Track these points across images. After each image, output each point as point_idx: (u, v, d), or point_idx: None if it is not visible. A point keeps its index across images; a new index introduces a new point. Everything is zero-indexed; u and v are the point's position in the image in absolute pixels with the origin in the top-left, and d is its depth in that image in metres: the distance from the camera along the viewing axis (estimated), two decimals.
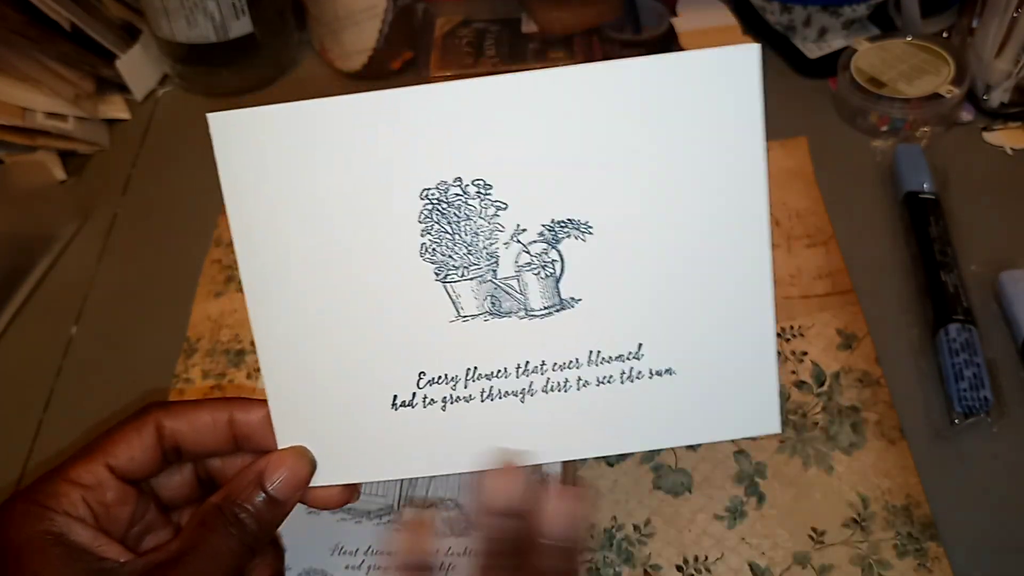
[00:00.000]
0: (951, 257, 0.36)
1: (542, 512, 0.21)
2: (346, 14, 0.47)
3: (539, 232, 0.21)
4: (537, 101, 0.21)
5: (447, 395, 0.22)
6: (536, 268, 0.21)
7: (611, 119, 0.21)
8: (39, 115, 0.44)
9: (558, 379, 0.22)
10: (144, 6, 0.46)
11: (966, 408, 0.31)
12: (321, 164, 0.21)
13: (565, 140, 0.21)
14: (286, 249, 0.22)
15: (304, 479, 0.22)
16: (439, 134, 0.21)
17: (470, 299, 0.22)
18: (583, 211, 0.21)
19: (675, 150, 0.21)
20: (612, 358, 0.22)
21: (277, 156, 0.21)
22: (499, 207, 0.21)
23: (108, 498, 0.21)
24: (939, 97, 0.41)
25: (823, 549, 0.29)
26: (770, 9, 0.47)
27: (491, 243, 0.21)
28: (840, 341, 0.35)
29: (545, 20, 0.47)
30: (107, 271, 0.41)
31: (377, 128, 0.21)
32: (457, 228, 0.21)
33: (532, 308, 0.22)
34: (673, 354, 0.22)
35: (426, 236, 0.21)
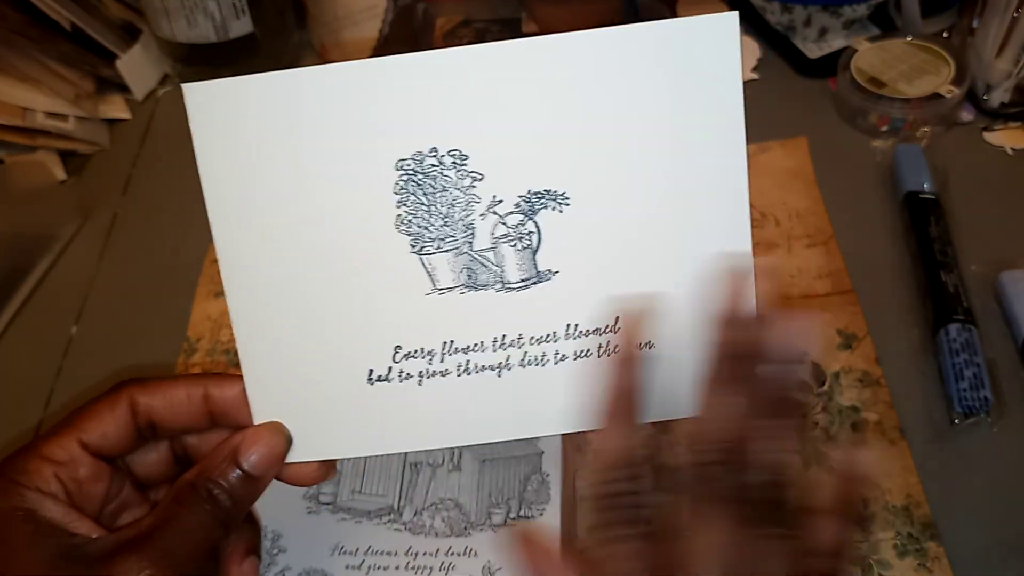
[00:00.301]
0: (951, 257, 0.36)
1: (771, 329, 0.20)
2: (346, 14, 0.47)
3: (515, 203, 0.21)
4: (513, 71, 0.20)
5: (423, 369, 0.22)
6: (512, 240, 0.21)
7: (588, 88, 0.20)
8: (39, 115, 0.44)
9: (535, 353, 0.21)
10: (144, 6, 0.46)
11: (966, 408, 0.31)
12: (297, 134, 0.21)
13: (542, 110, 0.20)
14: (261, 221, 0.21)
15: (280, 455, 0.21)
16: (415, 104, 0.20)
17: (446, 271, 0.21)
18: (560, 182, 0.21)
19: (653, 120, 0.20)
20: (590, 331, 0.21)
21: (253, 126, 0.21)
22: (475, 178, 0.21)
23: (81, 474, 0.20)
24: (939, 97, 0.41)
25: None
26: (770, 9, 0.47)
27: (467, 215, 0.21)
28: (840, 341, 0.35)
29: (545, 20, 0.47)
30: (107, 271, 0.41)
31: (353, 98, 0.20)
32: (433, 199, 0.21)
33: (509, 281, 0.21)
34: (652, 327, 0.21)
35: (402, 207, 0.21)
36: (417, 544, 0.29)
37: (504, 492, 0.30)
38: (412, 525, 0.30)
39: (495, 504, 0.30)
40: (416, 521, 0.30)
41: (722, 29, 0.20)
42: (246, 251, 0.21)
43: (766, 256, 0.21)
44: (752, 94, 0.54)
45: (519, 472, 0.30)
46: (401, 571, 0.29)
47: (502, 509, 0.29)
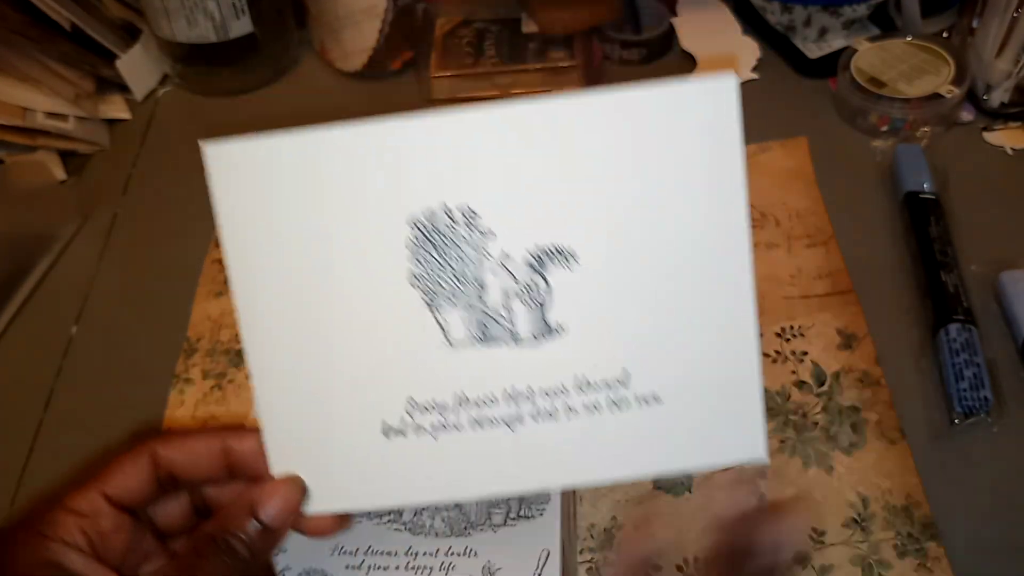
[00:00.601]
0: (951, 257, 0.36)
1: (756, 530, 0.21)
2: (346, 14, 0.47)
3: (525, 259, 0.22)
4: (521, 132, 0.21)
5: (437, 423, 0.22)
6: (523, 295, 0.22)
7: (594, 149, 0.21)
8: (39, 115, 0.44)
9: (546, 406, 0.22)
10: (144, 6, 0.46)
11: (966, 408, 0.31)
12: (313, 192, 0.22)
13: (550, 169, 0.21)
14: (279, 277, 0.22)
15: (295, 507, 0.22)
16: (427, 163, 0.21)
17: (458, 326, 0.22)
18: (568, 239, 0.21)
19: (657, 180, 0.21)
20: (599, 384, 0.22)
21: (271, 185, 0.22)
22: (485, 234, 0.22)
23: (104, 526, 0.21)
24: (939, 97, 0.41)
25: (823, 549, 0.29)
26: (770, 9, 0.47)
27: (478, 270, 0.22)
28: (840, 341, 0.35)
29: (545, 20, 0.47)
30: (107, 271, 0.41)
31: (368, 158, 0.21)
32: (445, 254, 0.22)
33: (519, 335, 0.22)
34: (659, 380, 0.22)
35: (415, 263, 0.22)
36: (417, 544, 0.29)
37: None
38: (412, 525, 0.30)
39: (495, 504, 0.30)
40: (416, 521, 0.30)
41: (722, 91, 0.21)
42: (265, 305, 0.22)
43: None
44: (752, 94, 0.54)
45: None
46: (401, 571, 0.29)
47: (502, 509, 0.29)
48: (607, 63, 0.49)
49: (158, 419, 0.34)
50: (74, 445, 0.34)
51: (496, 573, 0.28)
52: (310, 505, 0.22)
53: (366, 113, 0.55)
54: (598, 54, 0.49)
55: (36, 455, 0.34)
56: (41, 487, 0.33)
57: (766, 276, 0.37)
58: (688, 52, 0.48)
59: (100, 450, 0.34)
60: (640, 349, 0.22)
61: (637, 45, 0.48)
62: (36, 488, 0.33)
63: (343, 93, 0.49)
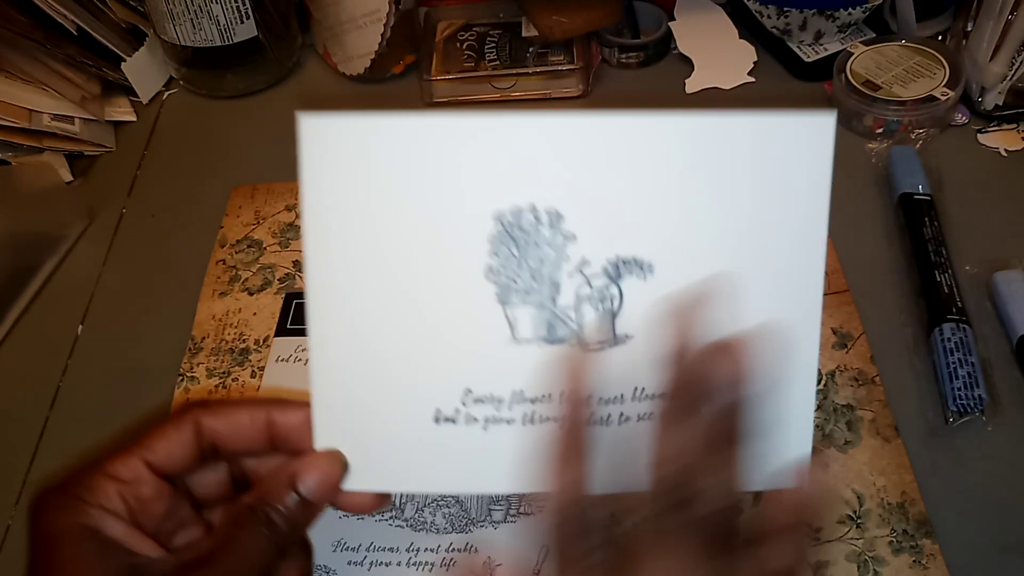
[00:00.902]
0: (946, 257, 0.36)
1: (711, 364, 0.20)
2: (349, 18, 0.47)
3: (603, 266, 0.22)
4: (615, 143, 0.21)
5: (490, 415, 0.22)
6: (596, 301, 0.22)
7: (685, 168, 0.21)
8: (46, 117, 0.44)
9: (601, 412, 0.22)
10: (149, 10, 0.47)
11: (960, 407, 0.31)
12: (404, 176, 0.22)
13: (639, 182, 0.21)
14: (354, 254, 0.22)
15: (335, 482, 0.22)
16: (519, 161, 0.21)
17: (527, 324, 0.22)
18: (647, 252, 0.22)
19: (742, 205, 0.21)
20: (654, 396, 0.22)
21: (362, 164, 0.22)
22: (568, 238, 0.22)
23: (144, 493, 0.21)
24: (934, 100, 0.42)
25: (819, 546, 0.29)
26: (766, 13, 0.47)
27: (555, 272, 0.22)
28: (835, 340, 0.35)
29: (545, 24, 0.47)
30: (113, 271, 0.41)
31: (462, 149, 0.21)
32: (525, 253, 0.22)
33: (586, 340, 0.22)
34: None
35: (493, 257, 0.22)
36: (419, 540, 0.30)
37: None
38: (414, 521, 0.30)
39: (495, 500, 0.30)
40: (417, 517, 0.30)
41: (819, 127, 0.21)
42: (335, 281, 0.22)
43: (718, 278, 0.21)
44: (747, 97, 0.54)
45: None
46: (403, 567, 0.29)
47: (502, 505, 0.30)
48: (606, 66, 0.49)
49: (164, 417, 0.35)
50: (80, 444, 0.35)
51: (496, 569, 0.28)
52: (349, 481, 0.22)
53: None
54: (597, 58, 0.49)
55: (42, 453, 0.35)
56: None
57: None
58: (686, 56, 0.48)
59: None
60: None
61: (635, 49, 0.49)
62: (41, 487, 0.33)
63: (346, 96, 0.50)
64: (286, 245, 0.41)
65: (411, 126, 0.21)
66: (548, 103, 0.48)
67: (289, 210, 0.43)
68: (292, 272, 0.40)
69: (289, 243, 0.41)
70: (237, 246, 0.41)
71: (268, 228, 0.42)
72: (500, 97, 0.48)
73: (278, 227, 0.42)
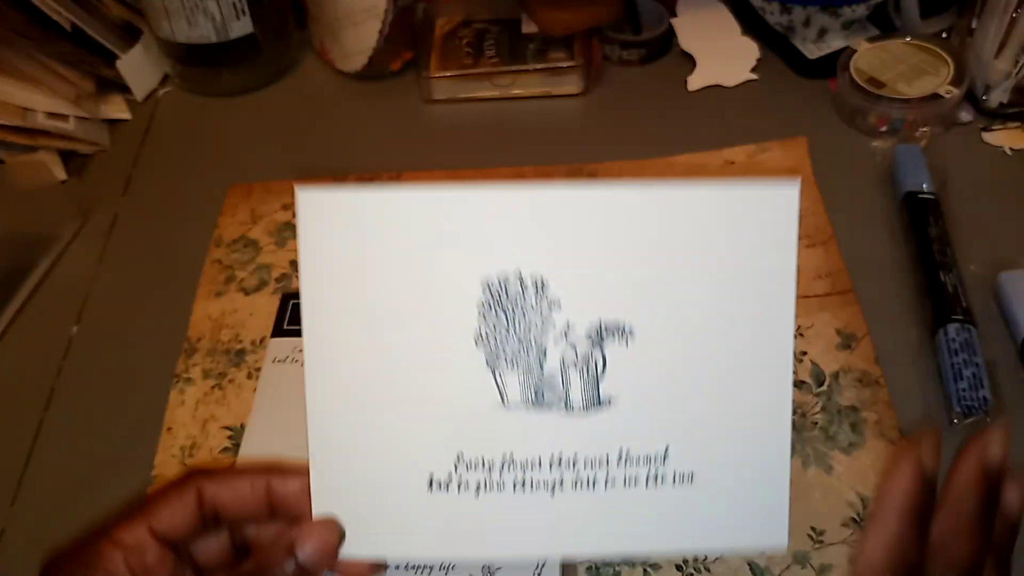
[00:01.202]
0: (950, 257, 0.36)
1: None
2: (346, 14, 0.47)
3: (587, 332, 0.23)
4: (597, 213, 0.22)
5: (481, 480, 0.23)
6: (580, 366, 0.23)
7: (661, 236, 0.22)
8: (40, 115, 0.44)
9: (588, 475, 0.23)
10: (145, 6, 0.46)
11: (965, 408, 0.31)
12: (395, 247, 0.23)
13: (619, 250, 0.22)
14: (350, 324, 0.23)
15: (333, 550, 0.23)
16: (505, 230, 0.23)
17: (516, 389, 0.23)
18: (628, 317, 0.23)
19: (714, 272, 0.23)
20: (639, 459, 0.23)
21: (355, 236, 0.23)
22: (553, 304, 0.23)
23: (148, 560, 0.21)
24: (938, 97, 0.41)
25: (822, 549, 0.29)
26: (770, 9, 0.47)
27: (542, 337, 0.23)
28: (839, 341, 0.35)
29: (545, 21, 0.47)
30: (108, 271, 0.41)
31: (451, 220, 0.22)
32: (513, 319, 0.23)
33: (572, 404, 0.23)
34: (696, 461, 0.23)
35: (483, 323, 0.23)
36: None
37: None
38: None
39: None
40: None
41: (784, 197, 0.22)
42: (331, 350, 0.23)
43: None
44: (751, 94, 0.54)
45: None
46: (401, 571, 0.29)
47: None
48: (607, 63, 0.49)
49: (158, 419, 0.34)
50: (75, 445, 0.34)
51: (496, 573, 0.28)
52: (347, 548, 0.23)
53: (366, 113, 0.55)
54: (598, 54, 0.49)
55: (36, 455, 0.34)
56: (42, 487, 0.33)
57: None
58: (688, 53, 0.48)
59: (101, 450, 0.34)
60: (682, 428, 0.23)
61: (637, 45, 0.48)
62: (36, 488, 0.33)
63: (343, 93, 0.49)
64: (283, 244, 0.41)
65: (401, 200, 0.22)
66: (548, 100, 0.47)
67: (285, 209, 0.42)
68: (289, 272, 0.40)
69: (286, 242, 0.41)
70: (233, 246, 0.41)
71: (264, 227, 0.42)
72: (499, 95, 0.47)
73: (274, 226, 0.42)
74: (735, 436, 0.23)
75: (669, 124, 0.45)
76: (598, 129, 0.46)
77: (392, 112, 0.48)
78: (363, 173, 0.44)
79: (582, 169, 0.43)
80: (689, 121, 0.45)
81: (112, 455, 0.34)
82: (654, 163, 0.43)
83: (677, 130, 0.44)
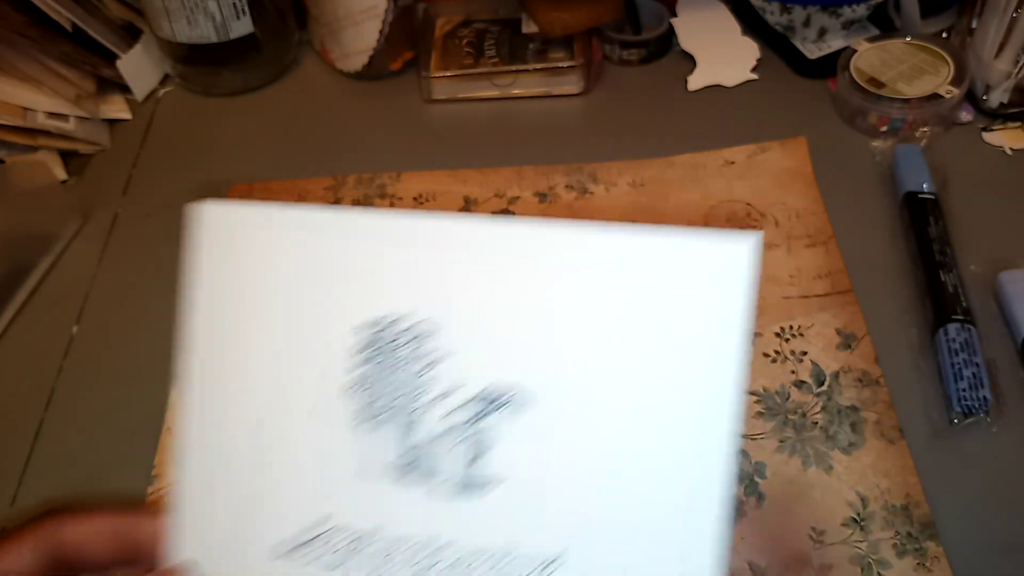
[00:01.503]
0: (950, 257, 0.36)
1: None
2: (346, 14, 0.47)
3: (473, 396, 0.19)
4: (507, 255, 0.19)
5: (332, 557, 0.20)
6: (462, 434, 0.19)
7: (583, 288, 0.19)
8: (40, 115, 0.44)
9: (461, 573, 0.19)
10: (145, 6, 0.46)
11: (965, 408, 0.31)
12: (278, 272, 0.20)
13: (529, 299, 0.19)
14: (221, 358, 0.20)
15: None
16: (397, 265, 0.19)
17: (381, 455, 0.20)
18: (529, 381, 0.19)
19: (644, 338, 0.18)
20: (528, 560, 0.19)
21: (240, 260, 0.20)
22: (438, 359, 0.19)
23: None
24: (938, 97, 0.41)
25: (823, 548, 0.29)
26: (770, 9, 0.47)
27: (420, 397, 0.19)
28: (839, 341, 0.35)
29: (545, 21, 0.47)
30: (108, 271, 0.41)
31: (336, 249, 0.19)
32: (387, 370, 0.19)
33: (447, 478, 0.19)
34: (597, 567, 0.19)
35: (353, 373, 0.20)
36: None
37: None
38: None
39: None
40: None
41: (738, 253, 0.18)
42: (200, 387, 0.21)
43: None
44: (751, 94, 0.54)
45: None
46: None
47: None
48: (607, 63, 0.49)
49: (158, 419, 0.34)
50: (75, 445, 0.34)
51: None
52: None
53: (366, 113, 0.55)
54: (598, 54, 0.49)
55: (37, 455, 0.34)
56: (42, 487, 0.33)
57: (766, 276, 0.37)
58: (688, 53, 0.48)
59: (101, 450, 0.34)
60: (584, 524, 0.19)
61: (637, 45, 0.48)
62: (36, 488, 0.33)
63: (343, 93, 0.49)
64: None
65: (292, 218, 0.20)
66: (548, 100, 0.47)
67: None
68: None
69: None
70: None
71: None
72: (499, 95, 0.47)
73: None
74: (653, 542, 0.18)
75: (669, 124, 0.45)
76: (598, 129, 0.46)
77: (392, 112, 0.48)
78: (363, 173, 0.44)
79: (582, 169, 0.43)
80: (689, 121, 0.45)
81: (112, 455, 0.34)
82: (654, 163, 0.43)
83: (677, 130, 0.44)
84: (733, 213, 0.40)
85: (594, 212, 0.41)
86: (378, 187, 0.43)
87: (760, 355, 0.34)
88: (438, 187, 0.43)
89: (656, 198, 0.41)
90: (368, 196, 0.43)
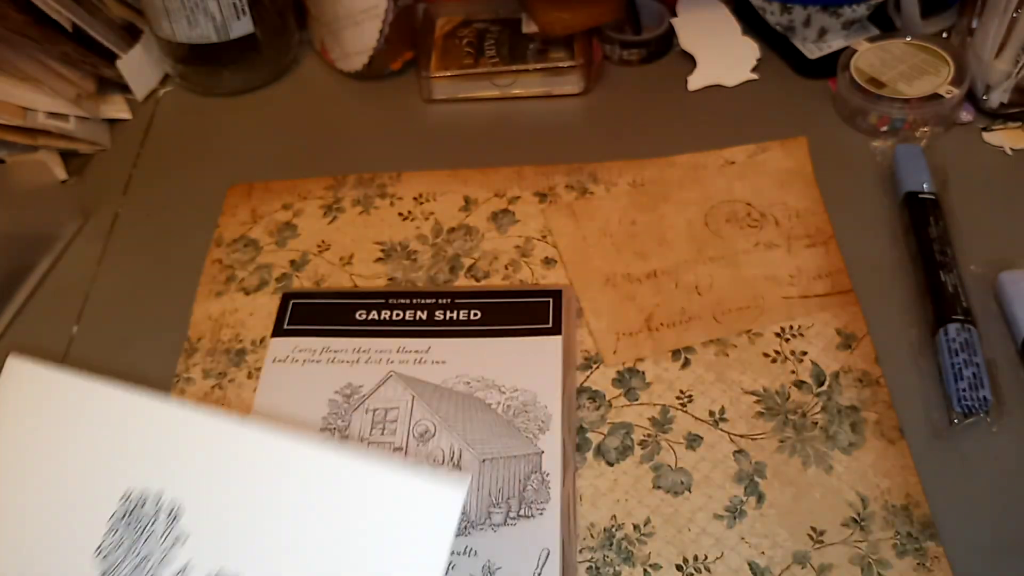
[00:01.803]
0: (951, 257, 0.36)
1: None
2: (346, 14, 0.47)
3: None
4: (247, 455, 0.21)
5: None
6: None
7: (307, 501, 0.21)
8: (40, 115, 0.44)
9: None
10: (145, 6, 0.46)
11: (965, 408, 0.31)
12: (64, 439, 0.22)
13: (260, 501, 0.21)
14: (13, 502, 0.22)
15: None
16: (163, 447, 0.22)
17: None
18: (251, 572, 0.21)
19: (352, 555, 0.21)
20: None
21: (32, 418, 0.22)
22: (180, 539, 0.21)
23: None
24: (939, 97, 0.41)
25: (822, 549, 0.29)
26: (770, 9, 0.47)
27: (158, 570, 0.21)
28: (840, 341, 0.35)
29: (545, 20, 0.47)
30: (108, 271, 0.41)
31: (102, 422, 0.22)
32: (136, 540, 0.22)
33: None
34: None
35: (108, 538, 0.22)
36: None
37: (504, 491, 0.30)
38: None
39: (495, 503, 0.30)
40: None
41: (443, 499, 0.20)
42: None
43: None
44: (751, 94, 0.54)
45: (519, 471, 0.30)
46: None
47: (502, 508, 0.30)
48: (607, 63, 0.49)
49: None
50: None
51: (496, 572, 0.28)
52: None
53: (366, 113, 0.55)
54: (598, 54, 0.49)
55: None
56: None
57: (766, 276, 0.37)
58: (688, 53, 0.48)
59: None
60: None
61: (637, 45, 0.48)
62: None
63: (343, 93, 0.49)
64: (283, 244, 0.41)
65: (84, 389, 0.22)
66: (548, 100, 0.47)
67: (286, 208, 0.42)
68: (289, 272, 0.40)
69: (286, 242, 0.41)
70: (233, 245, 0.41)
71: (265, 227, 0.42)
72: (500, 95, 0.47)
73: (275, 226, 0.42)
74: None
75: (669, 124, 0.45)
76: (598, 129, 0.46)
77: (392, 112, 0.48)
78: (363, 173, 0.44)
79: (582, 169, 0.43)
80: (689, 121, 0.45)
81: None
82: (654, 163, 0.43)
83: (677, 130, 0.44)
84: (733, 213, 0.40)
85: (594, 212, 0.41)
86: (378, 187, 0.43)
87: (760, 355, 0.34)
88: (438, 187, 0.43)
89: (656, 198, 0.41)
90: (368, 196, 0.43)
